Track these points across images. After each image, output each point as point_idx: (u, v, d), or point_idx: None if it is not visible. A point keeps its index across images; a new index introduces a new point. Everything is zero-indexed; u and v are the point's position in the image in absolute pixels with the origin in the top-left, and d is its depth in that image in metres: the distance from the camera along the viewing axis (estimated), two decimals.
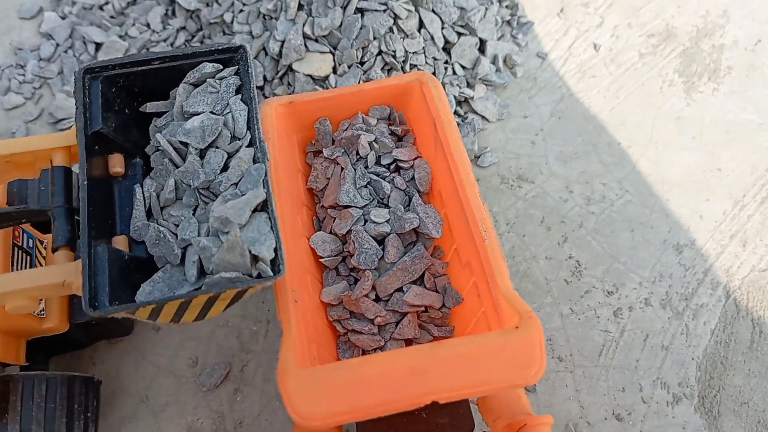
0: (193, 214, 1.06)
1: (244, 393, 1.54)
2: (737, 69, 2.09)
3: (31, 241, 1.35)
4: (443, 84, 1.91)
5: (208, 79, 1.12)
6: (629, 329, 1.65)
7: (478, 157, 1.89)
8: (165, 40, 2.03)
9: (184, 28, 2.05)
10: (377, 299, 1.27)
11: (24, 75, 2.02)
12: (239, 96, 1.11)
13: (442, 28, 1.90)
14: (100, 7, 2.12)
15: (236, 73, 1.14)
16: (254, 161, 1.04)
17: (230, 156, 1.07)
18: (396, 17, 1.80)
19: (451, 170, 1.18)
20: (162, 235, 1.01)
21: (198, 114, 1.09)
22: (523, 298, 1.68)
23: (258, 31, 1.86)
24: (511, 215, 1.82)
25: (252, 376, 1.56)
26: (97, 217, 1.01)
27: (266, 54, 1.83)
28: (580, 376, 1.60)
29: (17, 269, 1.25)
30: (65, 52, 2.05)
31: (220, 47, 1.13)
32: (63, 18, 2.12)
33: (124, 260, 0.99)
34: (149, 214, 1.08)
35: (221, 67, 1.14)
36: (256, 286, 0.93)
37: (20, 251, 1.29)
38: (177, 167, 1.08)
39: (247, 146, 1.06)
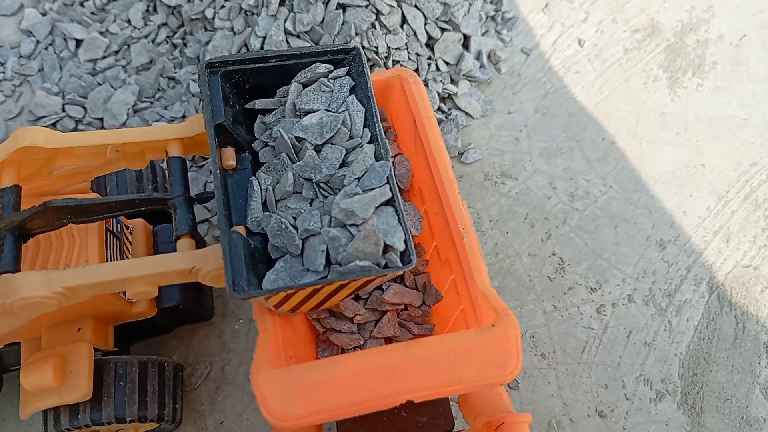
0: (310, 206, 1.09)
1: (225, 392, 1.53)
2: (722, 64, 2.08)
3: (119, 225, 1.34)
4: (426, 80, 1.90)
5: (321, 78, 1.15)
6: (612, 326, 1.65)
7: (462, 153, 1.88)
8: (146, 37, 2.01)
9: (165, 24, 2.03)
10: (356, 298, 1.26)
11: (4, 72, 2.00)
12: (354, 96, 1.14)
13: (425, 24, 1.89)
14: (81, 3, 2.10)
15: (347, 74, 1.17)
16: (376, 158, 1.08)
17: (348, 152, 1.10)
18: (378, 13, 1.79)
19: (431, 167, 1.17)
20: (284, 226, 1.03)
21: (313, 111, 1.13)
22: (506, 296, 1.69)
23: (239, 27, 1.84)
24: (494, 212, 1.81)
25: (233, 375, 1.55)
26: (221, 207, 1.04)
27: (248, 50, 1.82)
28: (563, 373, 1.60)
29: (109, 253, 1.26)
30: (45, 49, 2.03)
31: (335, 48, 1.17)
32: (43, 15, 2.09)
33: (251, 248, 1.02)
34: (264, 206, 1.10)
35: (332, 67, 1.17)
36: (387, 275, 0.98)
37: (111, 235, 1.29)
38: (292, 162, 1.11)
39: (368, 143, 1.10)
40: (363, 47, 1.77)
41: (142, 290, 1.04)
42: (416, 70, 1.88)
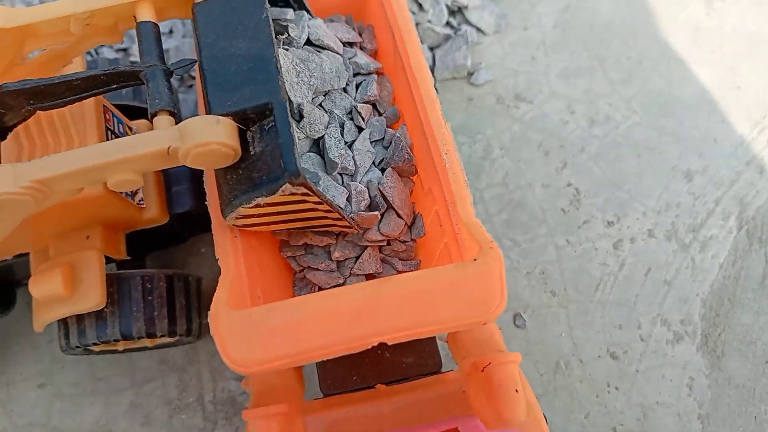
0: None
1: None
2: None
3: (121, 126, 1.24)
4: None
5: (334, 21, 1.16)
6: (630, 263, 1.53)
7: (472, 74, 1.73)
8: None
9: None
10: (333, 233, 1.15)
11: None
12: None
13: None
14: None
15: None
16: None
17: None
18: None
19: (411, 86, 1.04)
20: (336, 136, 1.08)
21: (329, 49, 1.10)
22: (516, 229, 1.57)
23: None
24: (506, 139, 1.67)
25: None
26: None
27: None
28: (574, 312, 1.49)
29: None
30: None
31: None
32: None
33: None
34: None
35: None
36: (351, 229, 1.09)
37: (113, 136, 1.19)
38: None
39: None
40: None
41: (122, 179, 0.90)
42: None
